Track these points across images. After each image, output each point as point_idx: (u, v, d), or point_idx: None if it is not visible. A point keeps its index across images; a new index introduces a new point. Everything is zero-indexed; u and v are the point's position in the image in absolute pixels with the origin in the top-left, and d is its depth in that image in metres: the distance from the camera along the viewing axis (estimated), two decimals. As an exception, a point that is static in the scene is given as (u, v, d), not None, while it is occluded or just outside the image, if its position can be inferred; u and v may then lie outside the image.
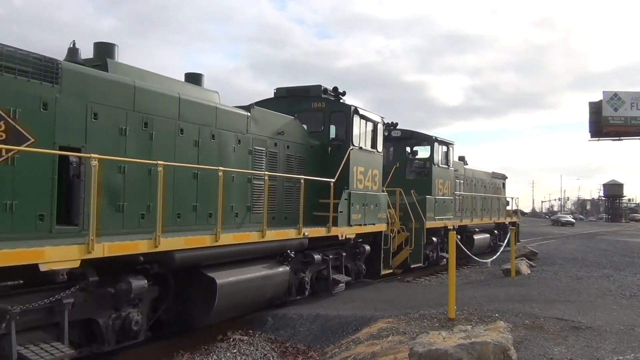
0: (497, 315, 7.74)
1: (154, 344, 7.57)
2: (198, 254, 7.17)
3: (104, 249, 5.81)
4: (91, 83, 6.44)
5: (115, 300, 6.31)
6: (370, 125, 11.89)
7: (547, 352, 5.77)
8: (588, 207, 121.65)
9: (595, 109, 45.37)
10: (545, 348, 5.94)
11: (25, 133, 5.63)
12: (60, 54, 6.78)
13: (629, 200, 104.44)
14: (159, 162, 6.48)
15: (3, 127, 5.43)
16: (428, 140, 16.18)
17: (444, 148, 16.74)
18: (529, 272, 13.98)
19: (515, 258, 14.11)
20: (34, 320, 5.49)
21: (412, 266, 14.27)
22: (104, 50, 7.41)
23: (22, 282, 5.18)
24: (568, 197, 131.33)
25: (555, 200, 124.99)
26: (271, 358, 7.60)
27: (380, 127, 12.39)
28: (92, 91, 6.42)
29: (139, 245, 6.27)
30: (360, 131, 11.40)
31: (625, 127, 44.67)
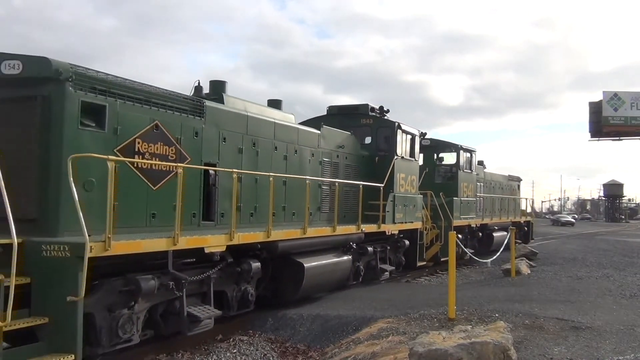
0: (497, 315, 7.74)
1: (154, 344, 7.58)
2: (291, 244, 9.17)
3: (239, 238, 7.88)
4: (222, 115, 8.52)
5: (238, 277, 8.40)
6: (409, 138, 13.89)
7: (547, 352, 5.77)
8: (588, 207, 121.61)
9: (595, 109, 45.27)
10: (545, 348, 5.94)
11: (185, 154, 7.67)
12: (60, 54, 6.87)
13: (629, 200, 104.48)
14: (270, 173, 8.70)
15: (174, 151, 7.48)
16: (454, 148, 18.12)
17: (468, 155, 18.60)
18: (529, 272, 13.98)
19: (515, 258, 14.12)
20: (192, 289, 7.41)
21: (441, 259, 15.84)
22: (218, 86, 9.40)
23: (194, 260, 7.45)
24: (568, 197, 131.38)
25: (555, 200, 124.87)
26: (271, 358, 7.61)
27: (417, 139, 14.45)
28: (222, 121, 8.47)
29: (259, 236, 8.36)
30: (402, 143, 13.40)
31: (625, 127, 44.57)
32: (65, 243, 5.63)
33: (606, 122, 44.24)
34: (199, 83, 9.28)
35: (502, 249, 16.72)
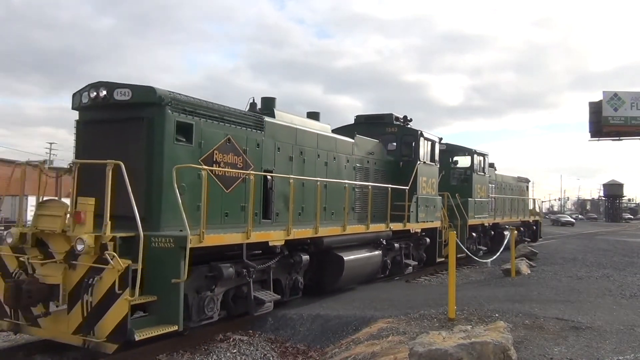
0: (497, 315, 7.74)
1: (154, 344, 7.58)
2: (334, 239, 10.54)
3: (294, 234, 9.25)
4: (277, 128, 9.80)
5: (291, 268, 9.70)
6: (430, 144, 15.09)
7: (547, 352, 5.76)
8: (588, 207, 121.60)
9: (595, 109, 45.22)
10: (545, 348, 5.94)
11: (250, 162, 9.00)
12: (59, 54, 6.91)
13: (629, 200, 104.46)
14: (317, 178, 10.29)
15: (241, 160, 8.83)
16: (468, 152, 19.30)
17: (481, 158, 19.73)
18: (529, 272, 13.98)
19: (515, 258, 14.12)
20: (256, 276, 8.61)
21: (457, 256, 16.62)
22: (269, 102, 10.60)
23: (260, 251, 8.83)
24: (568, 197, 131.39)
25: (555, 200, 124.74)
26: (271, 358, 7.61)
27: (437, 145, 15.62)
28: (277, 134, 9.78)
29: (309, 232, 9.82)
30: (424, 149, 14.64)
31: (625, 127, 44.52)
32: (170, 236, 7.02)
33: (606, 122, 44.19)
34: (253, 100, 10.47)
35: (502, 249, 16.74)
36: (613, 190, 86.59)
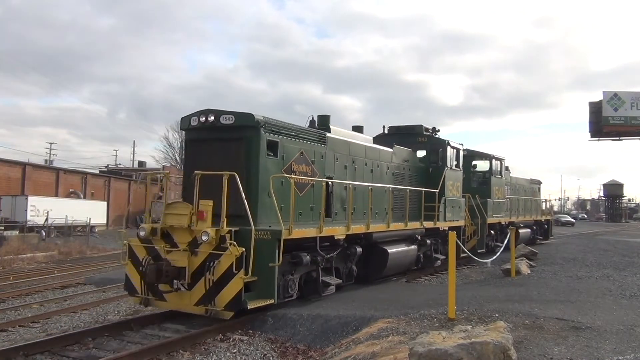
0: (497, 315, 7.73)
1: (154, 344, 7.58)
2: (380, 234, 12.30)
3: (352, 229, 11.10)
4: (335, 142, 11.76)
5: (347, 258, 11.47)
6: (455, 151, 16.84)
7: (547, 352, 5.76)
8: (588, 207, 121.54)
9: (595, 109, 45.26)
10: (545, 348, 5.93)
11: (316, 171, 10.95)
12: (59, 54, 6.86)
13: (629, 200, 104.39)
14: (368, 184, 12.26)
15: (311, 169, 10.78)
16: (487, 157, 20.92)
17: (498, 162, 21.30)
18: (529, 272, 13.98)
19: (515, 258, 14.12)
20: (323, 264, 10.35)
21: (478, 251, 18.11)
22: (325, 119, 12.39)
23: (328, 244, 10.52)
24: (568, 197, 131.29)
25: (555, 200, 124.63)
26: (271, 358, 7.60)
27: (461, 152, 17.45)
28: (335, 146, 11.72)
29: (362, 229, 11.59)
30: (450, 156, 16.43)
31: (625, 127, 44.57)
32: (269, 230, 8.90)
33: (606, 122, 44.24)
34: (312, 117, 12.42)
35: (502, 249, 16.74)
36: (613, 190, 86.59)
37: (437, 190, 15.15)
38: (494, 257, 14.60)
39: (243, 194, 8.49)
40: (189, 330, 8.69)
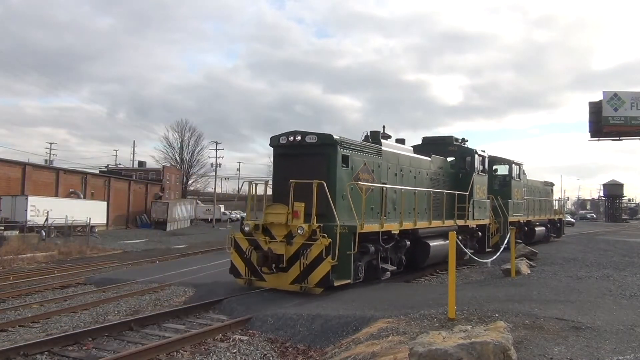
0: (497, 315, 7.73)
1: (154, 344, 7.57)
2: (424, 230, 14.79)
3: (404, 226, 13.64)
4: (388, 154, 14.22)
5: (398, 249, 13.86)
6: (481, 159, 19.42)
7: (547, 352, 5.75)
8: (588, 207, 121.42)
9: (595, 109, 45.21)
10: (545, 348, 5.92)
11: (375, 179, 13.33)
12: (58, 53, 6.86)
13: (629, 200, 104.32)
14: (414, 188, 14.91)
15: (371, 177, 13.10)
16: (507, 162, 23.34)
17: (517, 167, 23.72)
18: (529, 272, 13.97)
19: (515, 258, 14.11)
20: (367, 256, 12.36)
21: (501, 247, 18.96)
22: (376, 134, 14.36)
23: (386, 237, 12.92)
24: (568, 197, 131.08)
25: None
26: (271, 358, 7.59)
27: (486, 159, 20.06)
28: (388, 157, 14.21)
29: (410, 225, 14.14)
30: (477, 163, 19.00)
31: (625, 127, 44.51)
32: (346, 225, 11.27)
33: (606, 122, 44.18)
34: (368, 132, 14.34)
35: (502, 249, 16.74)
36: (613, 190, 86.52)
37: (467, 193, 17.71)
38: (494, 257, 14.60)
39: (330, 197, 11.16)
40: (189, 330, 8.70)
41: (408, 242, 14.01)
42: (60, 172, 46.66)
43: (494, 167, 22.99)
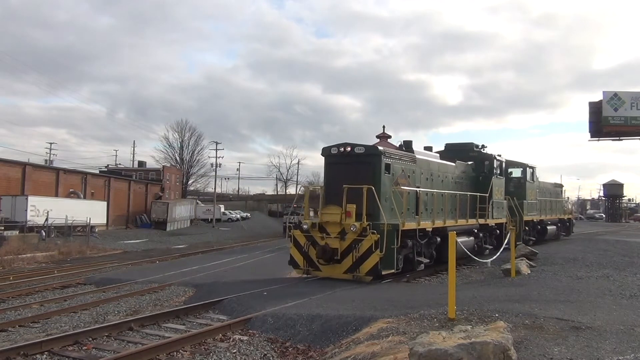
0: (497, 315, 7.72)
1: (154, 344, 7.57)
2: (451, 228, 15.34)
3: (435, 224, 15.54)
4: (421, 162, 16.32)
5: (430, 245, 15.58)
6: (499, 163, 21.23)
7: (547, 352, 5.75)
8: (588, 207, 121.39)
9: (595, 109, 45.15)
10: (545, 348, 5.92)
11: (410, 183, 15.26)
12: (58, 53, 6.86)
13: (629, 200, 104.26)
14: (444, 191, 16.83)
15: (407, 182, 15.12)
16: (521, 166, 24.91)
17: (531, 170, 25.15)
18: (529, 272, 13.96)
19: (515, 258, 14.11)
20: (406, 250, 14.27)
21: (516, 244, 19.75)
22: (409, 143, 17.01)
23: (422, 234, 14.90)
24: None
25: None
26: (271, 358, 7.59)
27: (503, 163, 21.94)
28: (421, 164, 16.29)
29: (441, 223, 15.91)
30: (496, 167, 20.86)
31: (625, 127, 44.44)
32: (391, 223, 13.30)
33: (606, 122, 44.11)
34: (402, 142, 17.17)
35: (502, 249, 16.76)
36: (613, 190, 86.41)
37: (487, 195, 19.47)
38: (494, 257, 14.60)
39: (378, 199, 13.25)
40: (189, 330, 8.70)
41: (439, 239, 15.53)
42: (60, 172, 46.68)
43: (510, 170, 24.30)
